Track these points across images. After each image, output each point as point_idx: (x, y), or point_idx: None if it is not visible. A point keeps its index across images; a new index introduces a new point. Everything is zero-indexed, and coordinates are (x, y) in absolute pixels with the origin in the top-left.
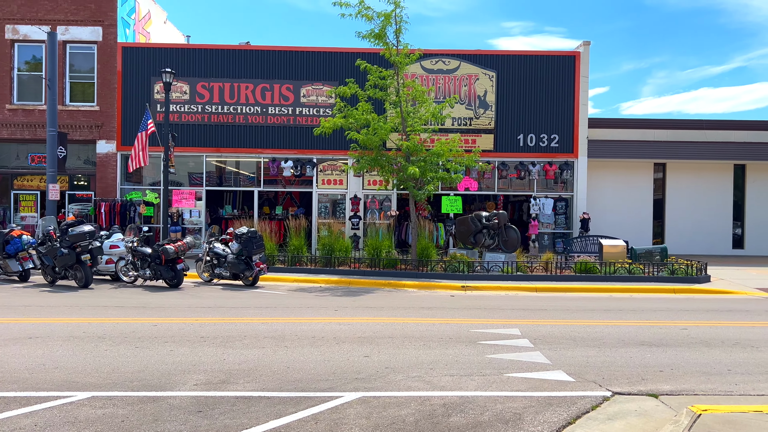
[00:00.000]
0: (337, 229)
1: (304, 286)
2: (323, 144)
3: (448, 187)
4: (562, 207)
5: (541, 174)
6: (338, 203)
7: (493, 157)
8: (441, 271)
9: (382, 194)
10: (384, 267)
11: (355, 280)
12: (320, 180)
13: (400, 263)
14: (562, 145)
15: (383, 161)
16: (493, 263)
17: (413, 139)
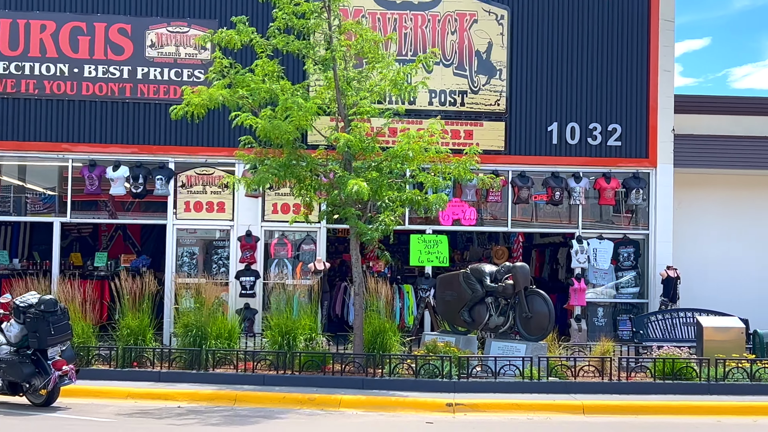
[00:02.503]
0: (214, 296)
1: (149, 406)
2: (188, 136)
3: (423, 218)
4: (629, 256)
5: (591, 195)
6: (216, 247)
7: (504, 163)
8: (409, 375)
9: (299, 231)
10: (303, 368)
11: (247, 395)
12: (182, 203)
13: (332, 360)
14: (627, 144)
15: (302, 169)
16: (506, 360)
17: (358, 129)
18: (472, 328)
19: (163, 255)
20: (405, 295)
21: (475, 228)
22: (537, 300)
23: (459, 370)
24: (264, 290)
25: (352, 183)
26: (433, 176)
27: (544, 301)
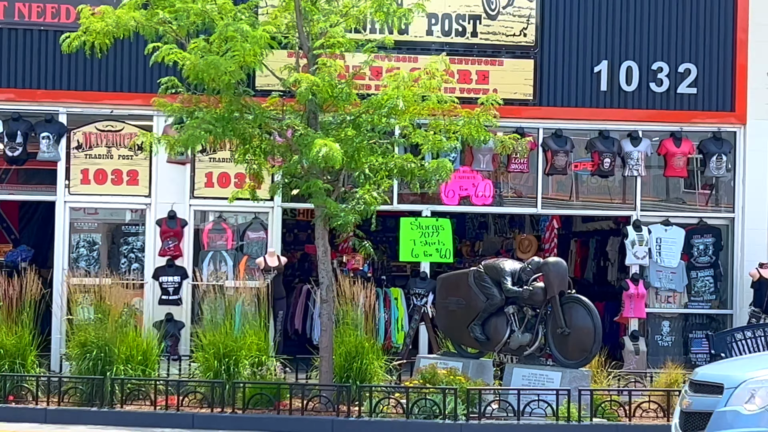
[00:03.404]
0: (123, 303)
1: None
2: (87, 77)
3: (418, 195)
4: (707, 249)
5: (654, 164)
6: (126, 234)
7: (532, 118)
8: (398, 414)
9: (244, 212)
10: (249, 404)
11: None
12: (77, 172)
13: (290, 394)
14: (705, 92)
15: (247, 124)
16: (533, 395)
17: (327, 68)
18: (486, 349)
19: (50, 245)
20: (392, 303)
21: (491, 209)
22: (577, 310)
23: (468, 408)
24: (194, 295)
25: (318, 144)
26: (433, 135)
27: (588, 311)
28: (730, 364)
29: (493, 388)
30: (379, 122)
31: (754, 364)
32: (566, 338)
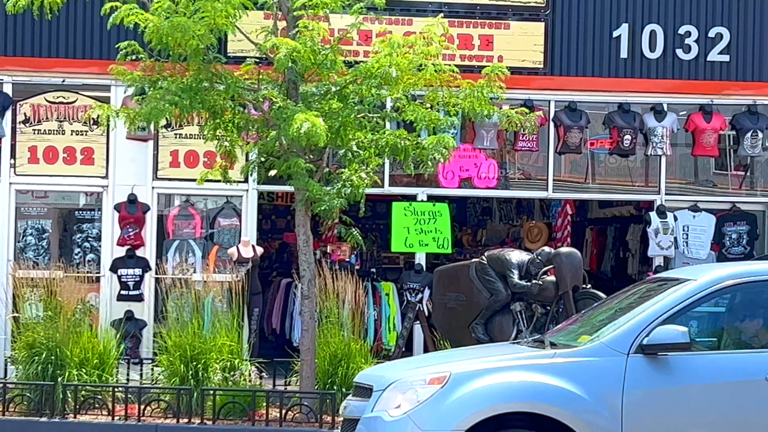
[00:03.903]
0: (76, 299)
1: None
2: (35, 42)
3: (412, 176)
4: (741, 238)
5: (681, 141)
6: (80, 221)
7: (543, 89)
8: None
9: (214, 195)
10: (219, 414)
11: None
12: (24, 149)
13: (267, 402)
14: (738, 59)
15: (218, 95)
16: None
17: (309, 32)
18: None
19: None
20: (383, 299)
21: (495, 192)
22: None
23: None
24: (157, 290)
25: (299, 119)
26: (430, 109)
27: None
28: (401, 363)
29: None
30: (368, 94)
31: (424, 361)
32: None
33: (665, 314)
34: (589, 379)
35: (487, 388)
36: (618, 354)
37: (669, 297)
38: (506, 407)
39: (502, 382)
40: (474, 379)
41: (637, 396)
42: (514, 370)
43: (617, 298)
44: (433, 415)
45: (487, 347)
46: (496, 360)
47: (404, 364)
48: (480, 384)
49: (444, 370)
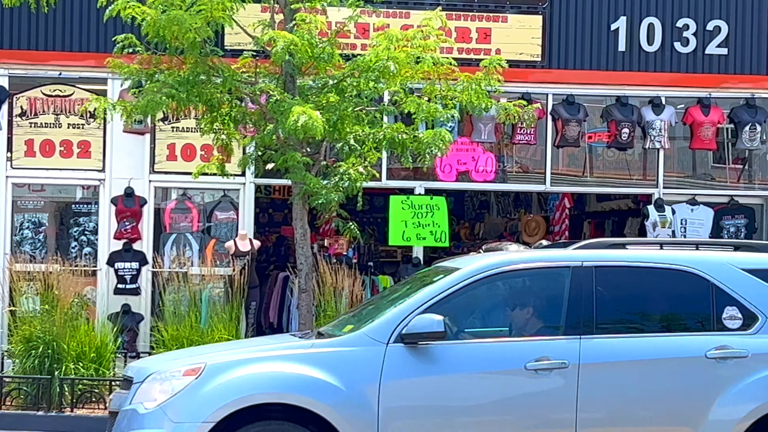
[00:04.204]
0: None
1: None
2: (32, 35)
3: (410, 170)
4: (739, 231)
5: (679, 134)
6: (77, 214)
7: (540, 82)
8: None
9: (211, 188)
10: None
11: None
12: (20, 143)
13: None
14: (737, 52)
15: (215, 89)
16: None
17: (306, 25)
18: None
19: None
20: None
21: (493, 186)
22: None
23: None
24: (154, 284)
25: (296, 112)
26: (428, 102)
27: None
28: (169, 354)
29: None
30: (366, 87)
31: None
32: None
33: (427, 303)
34: (346, 369)
35: (240, 379)
36: (377, 343)
37: (434, 286)
38: (259, 398)
39: (256, 373)
40: (229, 370)
41: (395, 386)
42: (270, 360)
43: (398, 287)
44: (185, 406)
45: (262, 338)
46: (255, 351)
47: (169, 356)
48: (235, 375)
49: (200, 361)
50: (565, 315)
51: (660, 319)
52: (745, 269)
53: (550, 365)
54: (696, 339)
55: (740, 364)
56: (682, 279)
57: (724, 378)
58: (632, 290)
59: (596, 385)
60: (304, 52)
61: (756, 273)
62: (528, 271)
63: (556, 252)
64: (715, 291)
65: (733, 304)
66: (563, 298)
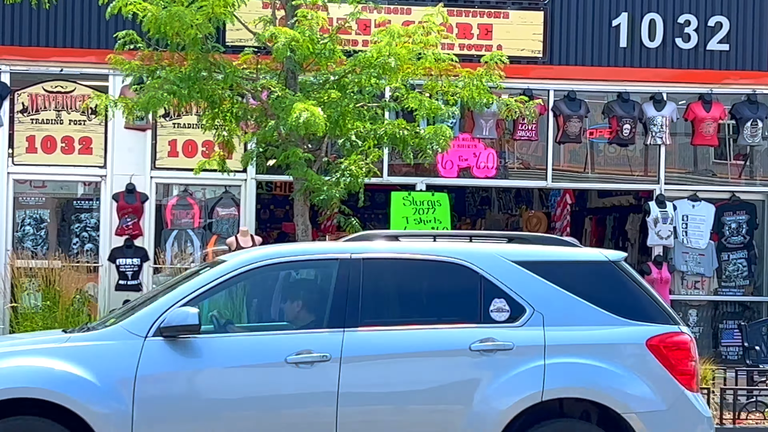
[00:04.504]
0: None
1: None
2: (33, 31)
3: (411, 166)
4: (740, 227)
5: (680, 130)
6: (78, 210)
7: (542, 78)
8: None
9: (212, 185)
10: None
11: None
12: (22, 139)
13: None
14: (738, 48)
15: (217, 85)
16: None
17: (308, 21)
18: None
19: None
20: None
21: (494, 181)
22: None
23: None
24: (156, 278)
25: (298, 108)
26: (429, 98)
27: None
28: None
29: None
30: (367, 83)
31: None
32: None
33: (189, 296)
34: (102, 363)
35: None
36: (135, 337)
37: (197, 279)
38: (5, 393)
39: (5, 367)
40: None
41: (151, 380)
42: (22, 355)
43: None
44: None
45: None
46: (10, 345)
47: None
48: None
49: None
50: (330, 307)
51: (427, 311)
52: (516, 261)
53: (311, 358)
54: (462, 332)
55: (505, 357)
56: (451, 271)
57: (488, 370)
58: (401, 282)
59: (359, 378)
60: (305, 49)
61: (526, 265)
62: (296, 263)
63: (326, 244)
64: (484, 283)
65: (502, 296)
66: (330, 290)
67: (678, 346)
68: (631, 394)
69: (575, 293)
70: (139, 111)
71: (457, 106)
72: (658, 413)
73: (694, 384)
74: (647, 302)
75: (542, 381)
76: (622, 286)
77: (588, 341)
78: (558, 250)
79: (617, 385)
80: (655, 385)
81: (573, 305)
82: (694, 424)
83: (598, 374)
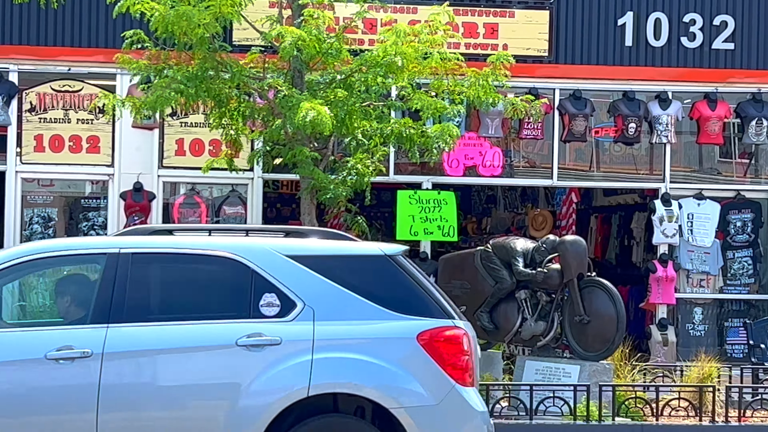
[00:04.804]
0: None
1: None
2: (40, 30)
3: (417, 165)
4: (745, 226)
5: (686, 129)
6: (86, 209)
7: (547, 77)
8: None
9: (219, 183)
10: None
11: None
12: (30, 138)
13: None
14: (743, 47)
15: (224, 84)
16: (548, 390)
17: (314, 20)
18: (494, 340)
19: None
20: None
21: (500, 180)
22: (598, 295)
23: None
24: None
25: (304, 107)
26: (435, 98)
27: (610, 296)
28: None
29: (502, 384)
30: (374, 82)
31: None
32: (585, 327)
33: None
34: None
35: None
36: None
37: None
38: None
39: None
40: None
41: None
42: None
43: None
44: None
45: None
46: None
47: None
48: None
49: None
50: (95, 303)
51: (198, 306)
52: (289, 256)
53: (72, 354)
54: (230, 326)
55: (274, 352)
56: (223, 265)
57: (255, 366)
58: (171, 277)
59: (121, 375)
60: (312, 48)
61: (299, 259)
62: (64, 258)
63: (96, 239)
64: (255, 278)
65: (273, 290)
66: (96, 285)
67: (450, 341)
68: (399, 389)
69: (349, 288)
70: (147, 110)
71: (463, 105)
72: (428, 408)
73: (468, 378)
74: (422, 297)
75: (309, 376)
76: (397, 280)
77: (358, 336)
78: (333, 245)
79: (385, 381)
80: (425, 380)
81: (345, 300)
82: (466, 419)
83: (366, 369)
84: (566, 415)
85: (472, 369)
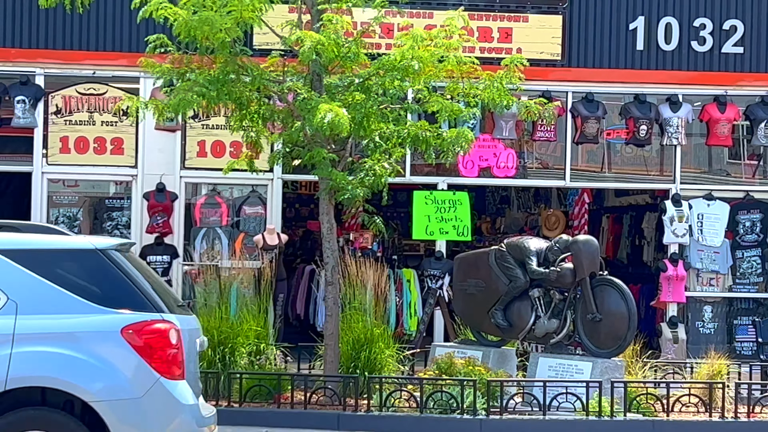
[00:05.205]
0: None
1: None
2: (66, 35)
3: (433, 166)
4: (754, 225)
5: (696, 131)
6: (110, 209)
7: (560, 80)
8: (411, 408)
9: (240, 184)
10: (246, 397)
11: None
12: (56, 140)
13: (292, 386)
14: (753, 51)
15: (244, 87)
16: (561, 386)
17: (332, 25)
18: (508, 337)
19: (25, 221)
20: (405, 286)
21: (514, 181)
22: (610, 294)
23: (488, 402)
24: (185, 277)
25: (323, 110)
26: (451, 101)
27: (622, 295)
28: None
29: (516, 380)
30: (390, 86)
31: None
32: (597, 325)
33: None
34: None
35: None
36: None
37: None
38: None
39: None
40: None
41: None
42: None
43: None
44: None
45: None
46: None
47: None
48: None
49: None
50: None
51: None
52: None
53: None
54: None
55: None
56: None
57: None
58: None
59: None
60: (330, 52)
61: (5, 253)
62: None
63: None
64: None
65: None
66: None
67: (155, 334)
68: (99, 382)
69: (55, 282)
70: (169, 112)
71: (477, 107)
72: (130, 401)
73: (177, 371)
74: (131, 291)
75: (7, 370)
76: (107, 275)
77: (60, 330)
78: (42, 239)
79: (85, 374)
80: (128, 374)
81: (51, 294)
82: (173, 411)
83: (65, 363)
84: (579, 411)
85: (182, 362)
